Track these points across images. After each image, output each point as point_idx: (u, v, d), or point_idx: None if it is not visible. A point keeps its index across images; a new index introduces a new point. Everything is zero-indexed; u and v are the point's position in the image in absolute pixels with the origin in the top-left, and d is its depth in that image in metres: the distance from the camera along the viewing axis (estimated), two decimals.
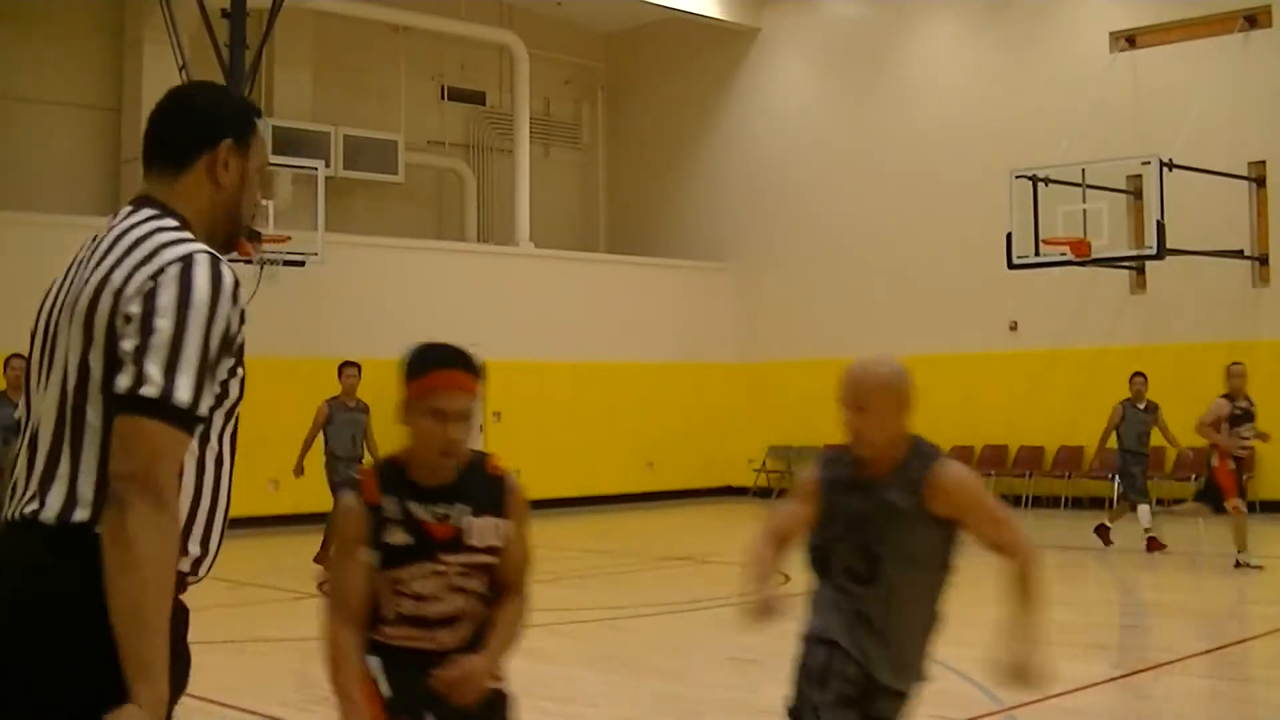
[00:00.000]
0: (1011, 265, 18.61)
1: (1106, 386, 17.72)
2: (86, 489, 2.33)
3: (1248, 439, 13.84)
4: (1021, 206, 18.50)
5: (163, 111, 2.64)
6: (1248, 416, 13.84)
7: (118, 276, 2.39)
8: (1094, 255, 18.23)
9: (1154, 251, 17.86)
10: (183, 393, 2.28)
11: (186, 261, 2.37)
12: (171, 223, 2.50)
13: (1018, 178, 18.51)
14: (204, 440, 2.42)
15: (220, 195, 2.61)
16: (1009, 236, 18.51)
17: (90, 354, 2.37)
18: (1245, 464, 14.17)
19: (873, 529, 3.78)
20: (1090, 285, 20.56)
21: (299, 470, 13.78)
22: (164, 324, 2.31)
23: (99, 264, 2.45)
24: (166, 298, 2.33)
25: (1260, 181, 19.70)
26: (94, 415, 2.36)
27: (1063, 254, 18.10)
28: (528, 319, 22.12)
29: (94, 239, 2.56)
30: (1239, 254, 19.47)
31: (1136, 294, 20.75)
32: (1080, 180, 18.28)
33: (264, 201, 15.56)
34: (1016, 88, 21.64)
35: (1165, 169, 17.71)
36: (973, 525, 3.81)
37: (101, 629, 2.21)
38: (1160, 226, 17.56)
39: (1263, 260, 19.76)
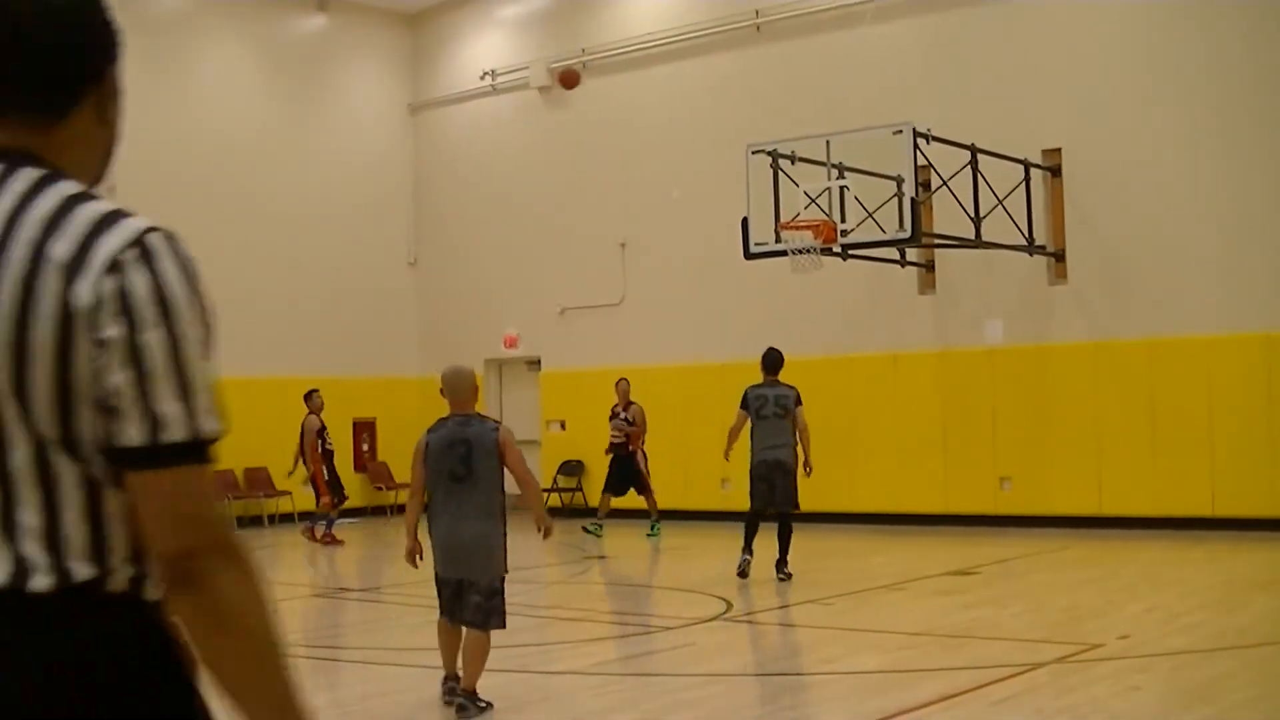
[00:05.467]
0: (749, 255, 16.30)
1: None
2: (79, 541, 1.85)
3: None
4: (761, 187, 16.18)
5: (31, 25, 1.88)
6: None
7: (50, 270, 1.79)
8: (845, 240, 15.96)
9: (908, 234, 15.61)
10: (209, 420, 1.84)
11: (145, 245, 1.82)
12: (75, 187, 1.87)
13: (755, 153, 16.17)
14: None
15: (105, 139, 2.02)
16: (745, 221, 16.23)
17: (32, 375, 1.80)
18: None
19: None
20: (878, 286, 18.45)
21: None
22: (157, 338, 1.80)
23: None
24: (147, 303, 1.80)
25: (1055, 171, 17.67)
26: (65, 452, 1.84)
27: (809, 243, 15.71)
28: None
29: None
30: (1032, 248, 17.30)
31: (926, 293, 18.61)
32: (825, 158, 15.97)
33: None
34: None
35: (923, 140, 15.54)
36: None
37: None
38: (914, 204, 15.37)
39: (1059, 257, 17.66)
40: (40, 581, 1.84)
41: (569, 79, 14.44)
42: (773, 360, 13.50)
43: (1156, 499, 16.78)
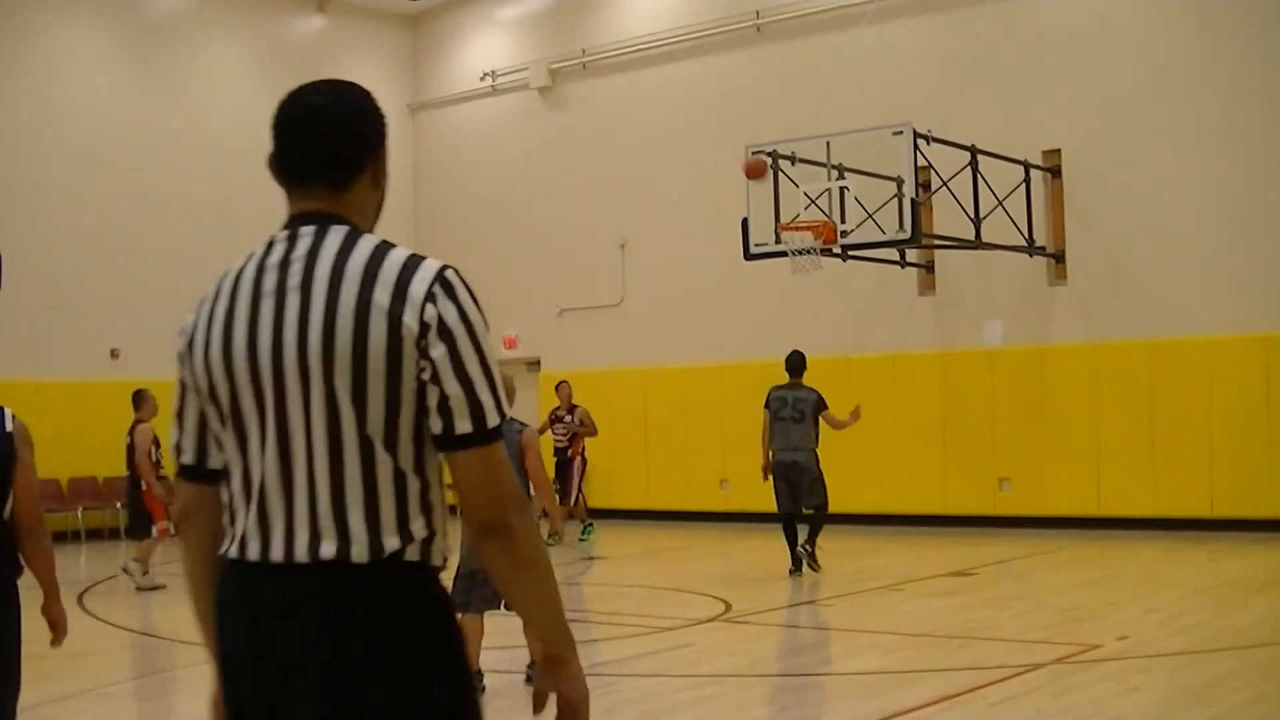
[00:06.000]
0: (749, 256, 16.31)
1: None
2: (390, 518, 2.46)
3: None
4: (761, 188, 16.17)
5: (324, 123, 2.63)
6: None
7: (379, 305, 2.42)
8: (845, 241, 15.96)
9: (908, 235, 15.61)
10: (504, 407, 2.48)
11: (446, 280, 2.46)
12: (376, 239, 2.55)
13: (754, 154, 16.16)
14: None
15: (378, 198, 2.70)
16: (745, 222, 16.23)
17: (369, 388, 2.43)
18: None
19: None
20: (878, 287, 18.45)
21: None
22: (470, 352, 2.44)
23: (332, 294, 2.45)
24: (459, 326, 2.44)
25: (1055, 172, 17.67)
26: (385, 449, 2.46)
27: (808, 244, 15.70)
28: None
29: (267, 270, 2.57)
30: (1032, 248, 17.30)
31: (925, 294, 18.62)
32: (825, 158, 15.97)
33: None
34: None
35: (923, 141, 15.56)
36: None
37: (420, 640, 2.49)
38: (914, 204, 15.37)
39: (1058, 258, 17.67)
40: (360, 553, 2.43)
41: (755, 169, 14.52)
42: (795, 363, 13.92)
43: (1156, 500, 16.78)
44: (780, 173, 16.14)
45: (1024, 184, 17.31)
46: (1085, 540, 16.22)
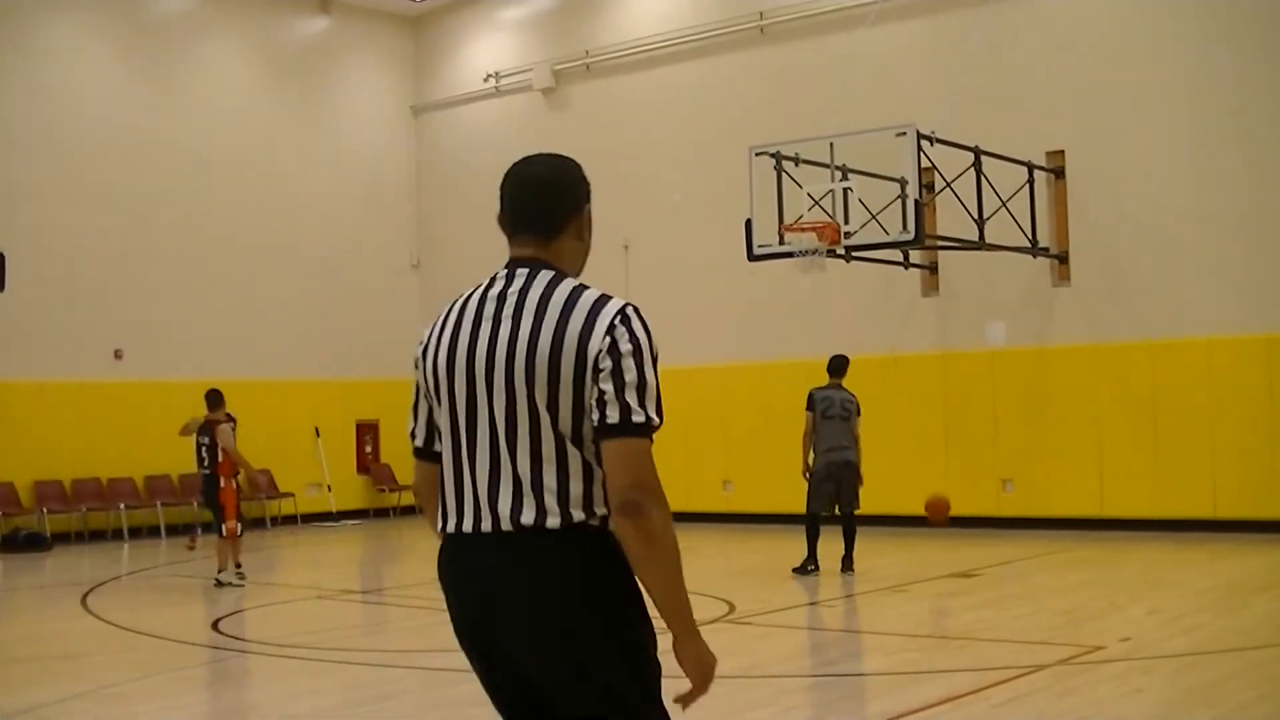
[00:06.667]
0: (752, 257, 16.31)
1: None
2: (577, 496, 3.11)
3: None
4: (764, 189, 16.16)
5: (535, 188, 3.35)
6: None
7: (572, 333, 3.09)
8: (849, 242, 15.95)
9: (911, 236, 15.59)
10: (654, 415, 3.07)
11: (625, 314, 3.14)
12: (574, 281, 3.24)
13: (758, 155, 16.16)
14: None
15: (583, 248, 3.40)
16: (748, 223, 16.24)
17: (560, 396, 3.08)
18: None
19: None
20: (881, 287, 18.42)
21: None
22: (631, 365, 3.07)
23: (536, 323, 3.13)
24: (626, 346, 3.08)
25: (1058, 173, 17.66)
26: (573, 444, 3.11)
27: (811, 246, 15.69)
28: None
29: (488, 300, 3.24)
30: (1035, 249, 17.29)
31: (928, 295, 18.59)
32: (829, 159, 15.96)
33: None
34: None
35: (927, 142, 15.55)
36: None
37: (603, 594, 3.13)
38: (918, 205, 15.36)
39: (1062, 259, 17.66)
40: (553, 521, 3.05)
41: (938, 510, 14.67)
42: (839, 364, 13.96)
43: (1158, 501, 16.77)
44: (784, 173, 16.13)
45: (1027, 185, 17.30)
46: (1088, 541, 16.21)
